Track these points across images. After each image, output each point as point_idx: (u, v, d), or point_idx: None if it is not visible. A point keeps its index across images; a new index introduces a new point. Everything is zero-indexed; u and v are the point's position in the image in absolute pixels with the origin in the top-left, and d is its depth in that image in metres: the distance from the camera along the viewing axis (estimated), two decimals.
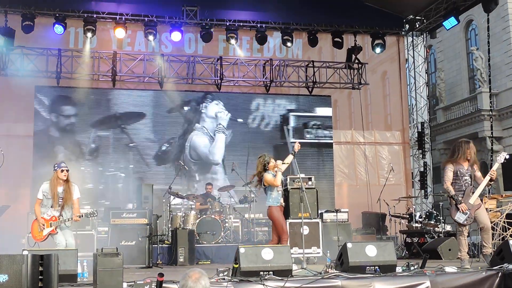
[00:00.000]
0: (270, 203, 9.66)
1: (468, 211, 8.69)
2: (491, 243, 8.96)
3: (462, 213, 8.72)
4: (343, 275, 7.54)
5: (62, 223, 8.83)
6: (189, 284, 4.01)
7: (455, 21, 16.03)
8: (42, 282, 5.74)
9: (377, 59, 18.21)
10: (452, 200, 8.82)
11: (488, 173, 8.83)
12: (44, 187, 8.97)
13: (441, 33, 25.70)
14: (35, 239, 8.92)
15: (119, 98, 16.32)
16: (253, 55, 17.38)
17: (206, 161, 16.45)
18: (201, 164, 16.43)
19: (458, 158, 8.89)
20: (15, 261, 5.63)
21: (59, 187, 8.90)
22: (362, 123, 17.64)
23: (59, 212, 8.86)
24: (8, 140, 15.30)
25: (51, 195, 8.86)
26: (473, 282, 7.72)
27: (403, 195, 16.00)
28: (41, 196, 8.92)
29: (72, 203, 8.94)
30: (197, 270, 4.14)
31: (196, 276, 4.06)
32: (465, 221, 8.74)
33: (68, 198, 8.89)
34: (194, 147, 16.41)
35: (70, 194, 8.91)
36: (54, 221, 8.82)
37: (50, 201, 8.87)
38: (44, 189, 8.95)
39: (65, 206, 8.89)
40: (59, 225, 8.83)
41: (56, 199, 8.82)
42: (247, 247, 7.71)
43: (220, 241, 13.20)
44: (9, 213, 12.71)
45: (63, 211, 8.88)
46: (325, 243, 11.80)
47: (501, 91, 24.09)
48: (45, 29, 15.31)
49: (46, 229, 8.80)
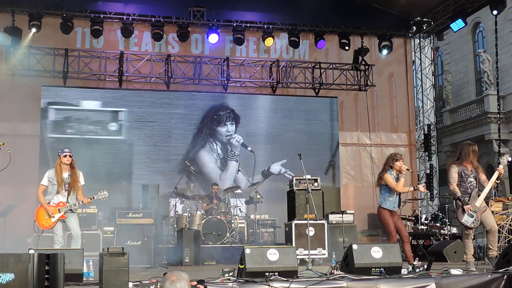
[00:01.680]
0: (383, 205, 9.35)
1: (474, 213, 8.67)
2: (496, 246, 8.94)
3: (469, 216, 8.69)
4: (348, 277, 7.53)
5: (72, 207, 8.84)
6: (166, 286, 4.03)
7: (462, 23, 16.02)
8: (48, 281, 5.75)
9: (384, 61, 18.17)
10: (458, 202, 8.80)
11: (495, 171, 8.81)
12: (50, 173, 8.98)
13: (448, 35, 25.66)
14: (43, 226, 8.86)
15: (127, 97, 16.32)
16: (259, 56, 17.38)
17: (206, 178, 16.31)
18: (200, 178, 16.36)
19: (462, 160, 8.89)
20: (21, 260, 5.64)
21: (65, 173, 8.92)
22: (369, 125, 17.62)
23: (66, 198, 8.86)
24: (15, 140, 15.35)
25: (56, 180, 8.84)
26: (478, 284, 7.70)
27: (409, 197, 15.94)
28: (46, 182, 8.92)
29: (77, 189, 8.95)
30: (176, 273, 4.14)
31: (173, 279, 4.07)
32: (472, 223, 8.71)
33: (75, 183, 8.91)
34: (200, 164, 16.37)
35: (77, 179, 8.94)
36: (62, 207, 8.83)
37: (55, 187, 8.85)
38: (50, 175, 8.94)
39: (71, 191, 8.90)
40: (68, 210, 8.83)
41: (62, 185, 8.83)
42: (252, 247, 7.71)
43: (225, 242, 13.21)
44: (15, 213, 12.76)
45: (69, 197, 8.88)
46: (331, 245, 11.79)
47: (508, 94, 24.00)
48: (52, 29, 15.35)
49: (56, 215, 8.79)
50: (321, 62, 17.23)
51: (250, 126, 16.87)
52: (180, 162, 15.94)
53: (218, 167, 16.47)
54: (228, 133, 16.60)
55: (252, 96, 17.29)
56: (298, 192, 11.50)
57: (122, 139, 15.97)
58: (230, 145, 16.51)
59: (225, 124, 16.61)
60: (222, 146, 16.55)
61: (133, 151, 15.98)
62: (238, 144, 16.49)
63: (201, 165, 16.32)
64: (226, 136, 16.58)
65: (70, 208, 8.86)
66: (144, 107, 16.25)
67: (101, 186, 14.92)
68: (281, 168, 16.53)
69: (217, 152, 16.48)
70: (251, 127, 16.88)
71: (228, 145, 16.53)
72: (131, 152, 15.97)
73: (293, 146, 16.38)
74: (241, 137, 16.53)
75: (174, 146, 16.32)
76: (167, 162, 16.16)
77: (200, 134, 16.49)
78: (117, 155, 15.92)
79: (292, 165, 15.87)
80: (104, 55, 15.91)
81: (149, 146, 16.14)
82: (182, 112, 16.53)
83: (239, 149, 16.49)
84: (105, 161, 15.61)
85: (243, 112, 16.82)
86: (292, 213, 11.50)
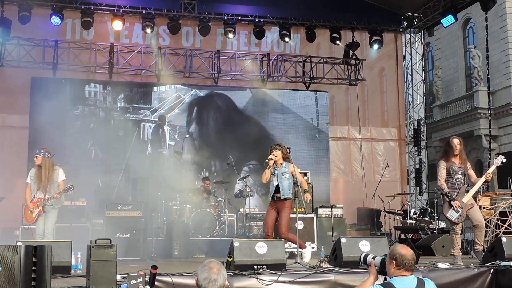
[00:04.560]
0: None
1: (460, 209, 8.74)
2: (483, 241, 9.02)
3: (454, 211, 8.76)
4: (336, 270, 7.58)
5: (46, 202, 9.51)
6: (213, 277, 4.12)
7: (453, 19, 16.06)
8: (35, 273, 5.74)
9: (375, 56, 18.16)
10: (445, 198, 8.86)
11: (484, 174, 8.88)
12: (31, 171, 9.85)
13: (439, 31, 25.75)
14: (28, 221, 9.80)
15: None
16: (250, 49, 17.35)
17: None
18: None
19: (449, 156, 8.93)
20: (8, 252, 5.63)
21: (43, 171, 9.62)
22: (359, 119, 17.66)
23: (44, 194, 9.56)
24: (3, 132, 15.33)
25: (36, 178, 9.64)
26: (465, 278, 7.78)
27: (398, 192, 16.01)
28: (29, 180, 9.79)
29: (56, 185, 9.63)
30: (215, 262, 4.24)
31: (218, 268, 4.18)
32: (456, 219, 8.79)
33: (49, 180, 9.60)
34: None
35: (51, 177, 9.61)
36: (39, 202, 9.55)
37: (35, 184, 9.64)
38: (31, 173, 9.80)
39: (49, 188, 9.58)
40: (44, 205, 9.51)
41: (41, 182, 9.57)
42: (241, 240, 7.73)
43: (215, 235, 13.20)
44: (3, 205, 12.69)
45: (47, 193, 9.57)
46: (320, 238, 11.83)
47: (497, 90, 24.11)
48: (42, 20, 15.23)
49: (35, 211, 9.57)
50: (312, 56, 17.22)
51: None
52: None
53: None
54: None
55: (242, 89, 17.26)
56: None
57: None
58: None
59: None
60: None
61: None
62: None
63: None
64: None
65: (45, 204, 9.53)
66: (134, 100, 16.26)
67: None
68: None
69: None
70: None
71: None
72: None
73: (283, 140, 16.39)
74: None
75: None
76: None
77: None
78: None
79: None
80: (95, 47, 15.82)
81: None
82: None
83: None
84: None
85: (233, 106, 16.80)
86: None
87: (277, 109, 17.20)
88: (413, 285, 4.60)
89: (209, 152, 16.41)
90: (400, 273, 4.63)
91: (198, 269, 4.22)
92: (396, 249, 4.69)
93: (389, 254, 4.71)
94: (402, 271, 4.63)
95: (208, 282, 4.11)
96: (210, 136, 16.78)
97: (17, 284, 5.56)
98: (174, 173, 15.26)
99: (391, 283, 4.61)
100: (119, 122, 16.03)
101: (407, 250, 4.67)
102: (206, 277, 4.13)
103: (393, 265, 4.64)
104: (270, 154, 9.09)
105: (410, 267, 4.64)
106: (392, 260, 4.65)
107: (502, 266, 7.91)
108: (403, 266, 4.61)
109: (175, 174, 15.30)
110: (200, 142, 16.62)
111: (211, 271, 4.14)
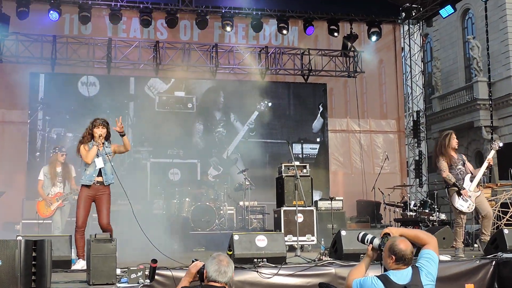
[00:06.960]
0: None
1: (469, 198, 8.69)
2: (490, 231, 8.99)
3: (464, 201, 8.70)
4: (337, 263, 7.57)
5: (67, 196, 10.16)
6: (223, 269, 4.40)
7: (451, 10, 16.05)
8: (35, 267, 5.74)
9: (373, 47, 18.12)
10: (452, 189, 8.80)
11: (485, 160, 8.85)
12: (45, 169, 10.41)
13: (438, 22, 25.72)
14: (43, 215, 10.25)
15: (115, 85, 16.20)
16: (248, 42, 17.31)
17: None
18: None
19: (446, 150, 8.88)
20: (8, 246, 5.64)
21: (58, 168, 10.34)
22: (358, 112, 17.64)
23: (62, 188, 10.25)
24: (3, 127, 15.32)
25: (51, 175, 10.23)
26: (467, 270, 7.74)
27: (398, 184, 16.00)
28: (42, 177, 10.29)
29: (71, 180, 10.29)
30: (224, 255, 4.54)
31: (227, 260, 4.47)
32: (467, 208, 8.72)
33: (68, 176, 10.30)
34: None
35: (69, 171, 10.33)
36: (60, 196, 10.17)
37: (50, 181, 10.22)
38: (45, 171, 10.34)
39: (66, 183, 10.28)
40: (65, 198, 10.18)
41: (56, 178, 10.24)
42: (241, 234, 7.73)
43: (214, 228, 13.20)
44: (3, 199, 12.69)
45: (65, 187, 10.27)
46: (320, 231, 11.81)
47: (497, 80, 24.06)
48: (40, 16, 15.18)
49: (54, 204, 10.14)
50: (310, 49, 17.17)
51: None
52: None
53: None
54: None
55: (241, 82, 17.20)
56: (287, 179, 11.47)
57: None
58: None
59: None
60: None
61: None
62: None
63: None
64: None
65: (66, 197, 10.17)
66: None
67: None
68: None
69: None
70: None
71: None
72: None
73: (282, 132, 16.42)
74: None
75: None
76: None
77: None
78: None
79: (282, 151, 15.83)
80: (93, 41, 15.80)
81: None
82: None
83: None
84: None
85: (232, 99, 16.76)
86: (281, 199, 11.49)
87: (275, 102, 17.09)
88: (408, 276, 4.56)
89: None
90: (398, 267, 4.59)
91: (206, 262, 4.47)
92: (396, 244, 4.59)
93: (388, 248, 4.64)
94: (400, 265, 4.59)
95: (219, 274, 4.38)
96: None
97: (17, 279, 5.57)
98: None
99: (387, 276, 4.57)
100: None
101: (407, 245, 4.59)
102: (216, 269, 4.39)
103: (391, 260, 4.59)
104: (92, 129, 7.91)
105: (409, 262, 4.60)
106: (392, 255, 4.59)
107: (504, 258, 7.85)
108: (403, 261, 4.58)
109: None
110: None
111: (221, 263, 4.41)
